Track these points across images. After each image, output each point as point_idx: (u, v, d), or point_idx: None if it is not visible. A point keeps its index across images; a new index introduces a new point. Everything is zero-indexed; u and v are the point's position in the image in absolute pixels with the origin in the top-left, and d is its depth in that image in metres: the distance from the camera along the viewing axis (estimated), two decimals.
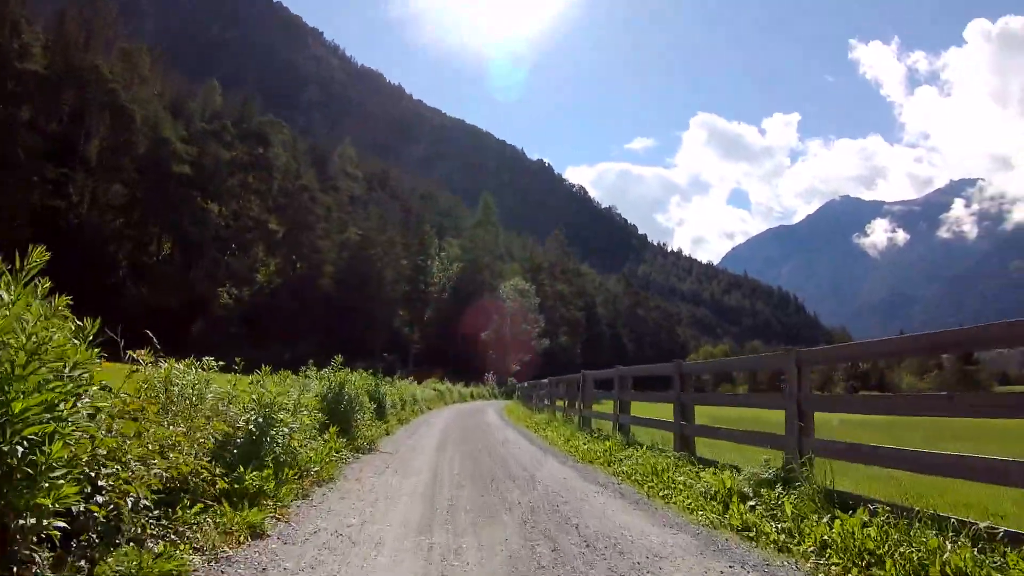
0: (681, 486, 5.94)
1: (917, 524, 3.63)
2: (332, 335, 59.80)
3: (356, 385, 8.52)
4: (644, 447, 8.28)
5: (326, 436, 6.91)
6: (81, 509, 2.48)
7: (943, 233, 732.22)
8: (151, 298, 48.17)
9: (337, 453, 6.77)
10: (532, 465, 7.82)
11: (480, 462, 7.91)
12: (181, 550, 2.94)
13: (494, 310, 73.19)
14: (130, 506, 2.74)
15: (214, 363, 5.06)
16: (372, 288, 67.54)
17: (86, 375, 2.55)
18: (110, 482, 2.68)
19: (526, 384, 27.86)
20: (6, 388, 2.15)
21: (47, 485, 2.17)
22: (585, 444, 9.74)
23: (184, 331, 51.38)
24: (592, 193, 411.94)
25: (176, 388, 4.72)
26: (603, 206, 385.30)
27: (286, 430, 4.84)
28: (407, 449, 9.00)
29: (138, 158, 51.48)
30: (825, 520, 4.23)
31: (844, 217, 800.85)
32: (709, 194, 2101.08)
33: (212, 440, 4.31)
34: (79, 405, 2.48)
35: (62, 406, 2.32)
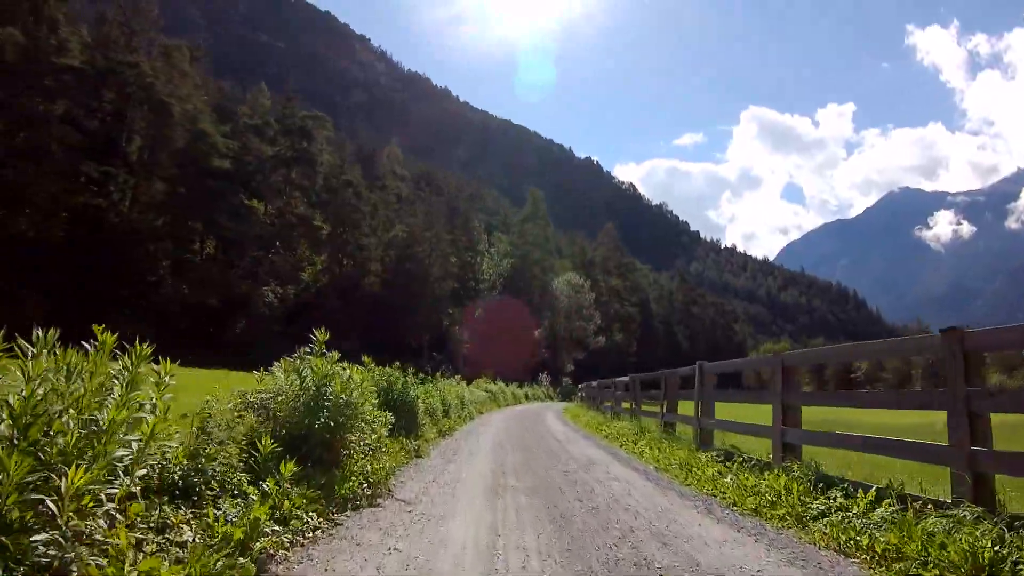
0: None
1: None
2: (378, 334, 57.49)
3: (351, 387, 5.10)
4: (864, 494, 4.54)
5: (267, 484, 3.42)
6: None
7: (1011, 223, 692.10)
8: (190, 296, 46.37)
9: (284, 525, 3.29)
10: (664, 525, 4.27)
11: (570, 521, 4.36)
12: None
13: (547, 307, 69.56)
14: None
15: None
16: (419, 286, 64.75)
17: None
18: None
19: (594, 384, 23.74)
20: None
21: None
22: (726, 476, 6.10)
23: (225, 330, 49.67)
24: (641, 191, 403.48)
25: None
26: (653, 204, 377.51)
27: None
28: (439, 490, 5.45)
29: (177, 153, 49.81)
30: None
31: (905, 209, 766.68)
32: (761, 189, 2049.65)
33: None
34: None
35: None
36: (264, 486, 3.26)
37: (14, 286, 38.15)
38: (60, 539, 1.64)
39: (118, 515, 2.01)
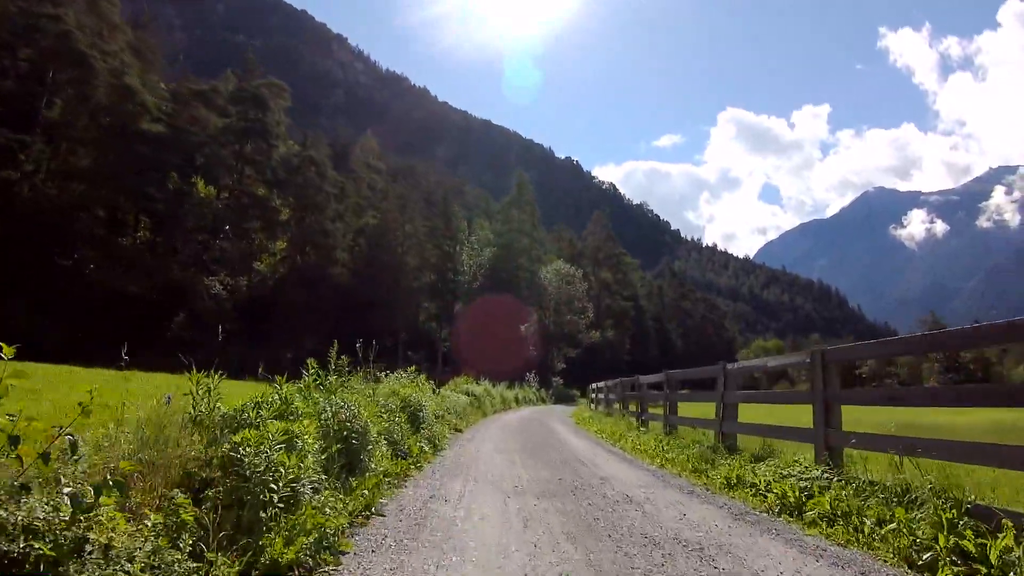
0: None
1: None
2: (345, 331, 49.94)
3: None
4: None
5: None
6: None
7: (983, 222, 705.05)
8: (115, 284, 38.72)
9: None
10: None
11: None
12: None
13: (534, 299, 62.77)
14: None
15: None
16: (393, 277, 57.73)
17: None
18: None
19: (644, 384, 15.64)
20: None
21: None
22: None
23: (161, 326, 42.06)
24: (621, 192, 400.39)
25: None
26: (635, 203, 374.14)
27: None
28: None
29: (99, 112, 42.04)
30: None
31: (879, 209, 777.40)
32: (739, 190, 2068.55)
33: None
34: None
35: None
36: None
37: None
38: None
39: None
